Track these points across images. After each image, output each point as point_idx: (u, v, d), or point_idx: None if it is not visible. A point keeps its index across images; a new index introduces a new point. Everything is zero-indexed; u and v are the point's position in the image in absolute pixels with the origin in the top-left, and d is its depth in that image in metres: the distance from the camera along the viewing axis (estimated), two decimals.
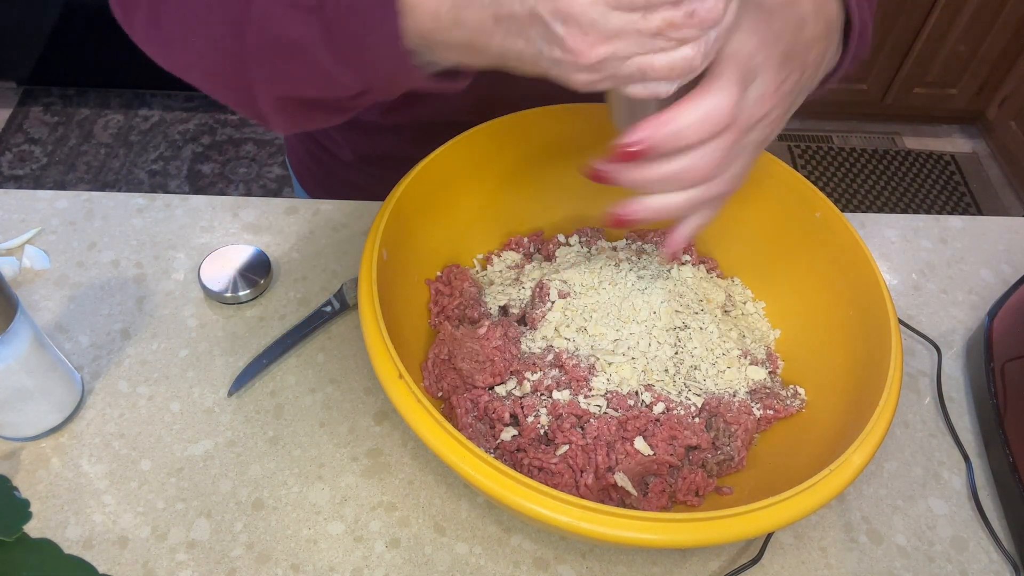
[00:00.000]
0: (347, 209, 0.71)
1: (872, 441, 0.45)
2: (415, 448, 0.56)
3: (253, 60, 0.44)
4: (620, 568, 0.52)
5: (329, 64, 0.42)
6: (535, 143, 0.63)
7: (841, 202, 2.04)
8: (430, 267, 0.61)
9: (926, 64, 2.01)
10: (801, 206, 0.59)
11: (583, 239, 0.65)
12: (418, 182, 0.56)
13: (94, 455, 0.55)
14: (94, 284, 0.64)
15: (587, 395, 0.53)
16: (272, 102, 0.46)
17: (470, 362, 0.54)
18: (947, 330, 0.67)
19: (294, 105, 0.46)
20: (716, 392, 0.55)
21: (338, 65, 0.42)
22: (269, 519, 0.53)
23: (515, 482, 0.41)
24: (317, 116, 0.49)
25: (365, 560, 0.51)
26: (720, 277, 0.65)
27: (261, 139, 2.06)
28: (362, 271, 0.50)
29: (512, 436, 0.52)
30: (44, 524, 0.51)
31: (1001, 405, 0.58)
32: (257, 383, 0.59)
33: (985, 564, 0.54)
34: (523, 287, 0.60)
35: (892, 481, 0.57)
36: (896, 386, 0.47)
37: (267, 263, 0.64)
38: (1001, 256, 0.73)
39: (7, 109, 2.08)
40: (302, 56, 0.42)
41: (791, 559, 0.53)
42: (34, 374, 0.51)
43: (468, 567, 0.51)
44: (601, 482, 0.50)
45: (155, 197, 0.70)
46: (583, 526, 0.40)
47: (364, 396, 0.59)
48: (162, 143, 2.03)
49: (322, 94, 0.45)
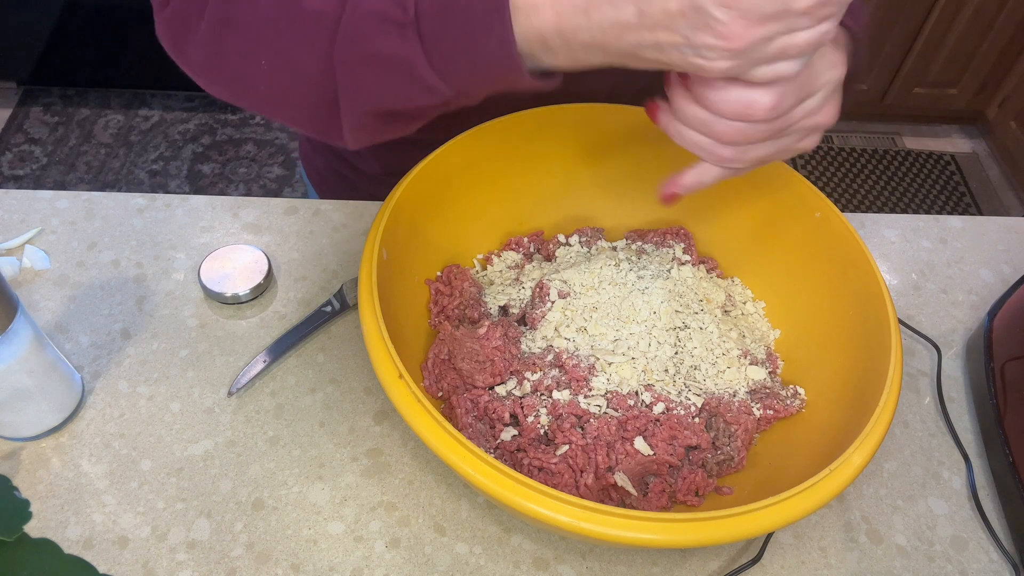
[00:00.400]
0: (347, 209, 0.71)
1: (872, 441, 0.45)
2: (415, 448, 0.56)
3: (343, 78, 0.44)
4: (620, 568, 0.52)
5: (427, 75, 0.42)
6: (535, 143, 0.63)
7: (841, 202, 2.05)
8: (430, 267, 0.61)
9: (926, 64, 2.01)
10: (801, 206, 0.59)
11: (583, 239, 0.65)
12: (418, 182, 0.56)
13: (94, 455, 0.55)
14: (94, 284, 0.64)
15: (587, 395, 0.53)
16: (358, 118, 0.46)
17: (470, 362, 0.54)
18: (947, 330, 0.67)
19: (378, 119, 0.47)
20: (716, 392, 0.55)
21: (436, 75, 0.42)
22: (269, 519, 0.53)
23: (515, 482, 0.41)
24: (395, 128, 0.49)
25: (365, 560, 0.51)
26: (720, 277, 0.65)
27: (261, 139, 2.06)
28: (362, 271, 0.50)
29: (512, 436, 0.52)
30: (44, 524, 0.51)
31: (1001, 405, 0.58)
32: (257, 383, 0.59)
33: (985, 564, 0.54)
34: (523, 287, 0.60)
35: (892, 481, 0.58)
36: (896, 386, 0.47)
37: (267, 263, 0.64)
38: (1001, 256, 0.73)
39: (7, 109, 2.08)
40: (399, 70, 0.42)
41: (791, 559, 0.53)
42: (34, 374, 0.51)
43: (468, 567, 0.51)
44: (601, 482, 0.50)
45: (155, 197, 0.70)
46: (583, 526, 0.40)
47: (364, 396, 0.59)
48: (162, 143, 2.03)
49: (412, 104, 0.45)
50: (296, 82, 0.46)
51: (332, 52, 0.43)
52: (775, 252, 0.62)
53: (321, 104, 0.46)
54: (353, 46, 0.42)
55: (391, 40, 0.41)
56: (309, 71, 0.45)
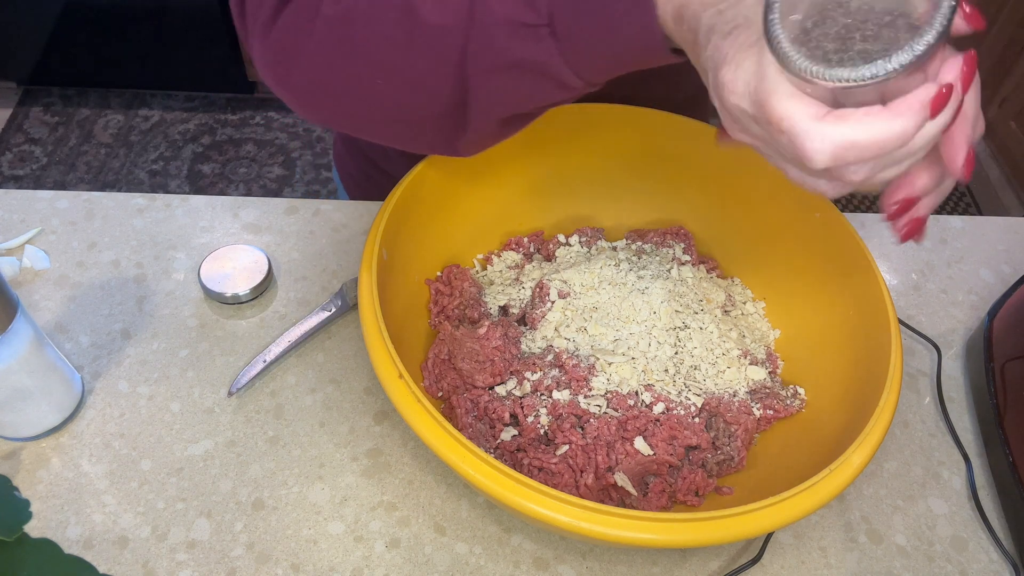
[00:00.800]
0: (347, 209, 0.71)
1: (872, 441, 0.45)
2: (415, 448, 0.56)
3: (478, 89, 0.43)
4: (620, 568, 0.52)
5: (562, 73, 0.41)
6: (536, 143, 0.63)
7: (841, 202, 2.05)
8: (430, 267, 0.61)
9: None
10: (801, 206, 0.59)
11: (583, 239, 0.65)
12: (418, 182, 0.56)
13: (94, 455, 0.55)
14: (94, 284, 0.64)
15: (587, 395, 0.53)
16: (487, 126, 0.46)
17: (470, 362, 0.54)
18: (947, 330, 0.67)
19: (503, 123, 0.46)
20: (716, 392, 0.55)
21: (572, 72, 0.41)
22: (269, 519, 0.53)
23: (515, 482, 0.41)
24: (514, 129, 0.48)
25: (365, 560, 0.51)
26: (720, 277, 0.65)
27: (261, 139, 2.06)
28: (362, 271, 0.50)
29: (512, 436, 0.52)
30: (44, 524, 0.51)
31: (1001, 405, 0.58)
32: (257, 383, 0.59)
33: (985, 564, 0.54)
34: (523, 287, 0.60)
35: (892, 481, 0.58)
36: (896, 386, 0.47)
37: (267, 263, 0.64)
38: (1001, 256, 0.73)
39: (7, 109, 2.08)
40: (535, 72, 0.42)
41: (791, 559, 0.53)
42: (34, 374, 0.51)
43: (468, 567, 0.51)
44: (601, 482, 0.50)
45: (155, 197, 0.70)
46: (583, 526, 0.40)
47: (364, 396, 0.59)
48: (162, 143, 2.03)
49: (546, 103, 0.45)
50: (417, 98, 0.45)
51: (464, 64, 0.42)
52: (775, 252, 0.62)
53: (444, 116, 0.45)
54: (487, 57, 0.42)
55: (526, 45, 0.41)
56: (435, 86, 0.44)
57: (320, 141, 2.07)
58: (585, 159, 0.65)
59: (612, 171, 0.66)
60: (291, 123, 2.10)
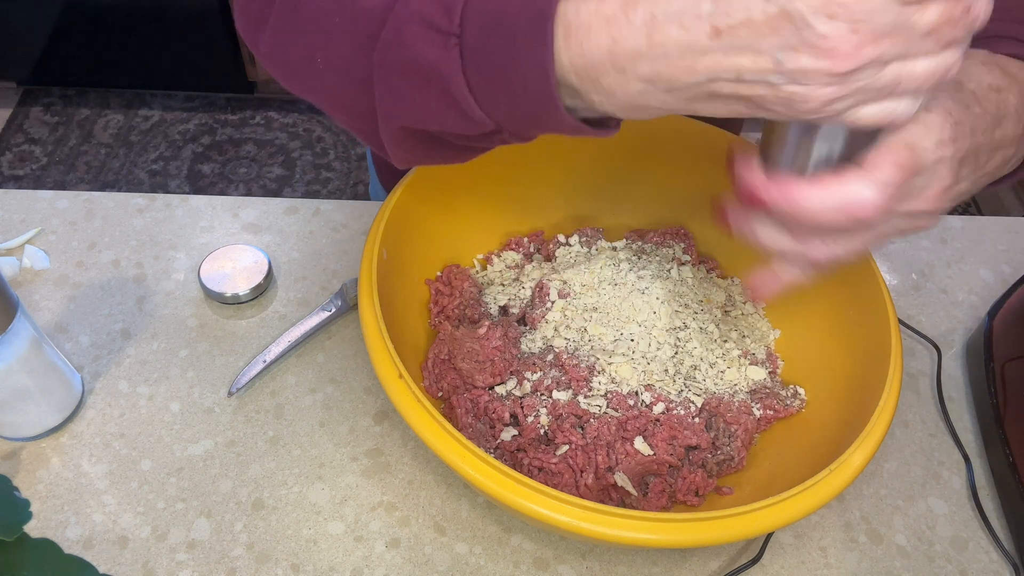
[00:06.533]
0: (347, 209, 0.71)
1: (872, 441, 0.45)
2: (415, 448, 0.56)
3: (379, 83, 0.40)
4: (620, 568, 0.52)
5: (463, 97, 0.37)
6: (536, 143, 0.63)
7: None
8: (430, 267, 0.61)
9: None
10: None
11: (583, 239, 0.65)
12: (418, 182, 0.56)
13: (94, 455, 0.55)
14: (94, 284, 0.64)
15: (587, 395, 0.53)
16: (393, 132, 0.42)
17: (470, 362, 0.54)
18: (947, 330, 0.67)
19: (416, 138, 0.42)
20: (716, 392, 0.55)
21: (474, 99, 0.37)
22: (269, 519, 0.53)
23: (515, 482, 0.41)
24: (438, 154, 0.44)
25: (365, 560, 0.51)
26: (720, 277, 0.65)
27: (261, 139, 2.06)
28: (362, 271, 0.50)
29: (512, 436, 0.52)
30: (44, 524, 0.51)
31: (1001, 405, 0.58)
32: (257, 383, 0.59)
33: (985, 564, 0.54)
34: (523, 287, 0.60)
35: (892, 481, 0.58)
36: (896, 386, 0.47)
37: (267, 263, 0.64)
38: (1001, 256, 0.73)
39: (7, 109, 2.08)
40: (434, 84, 0.38)
41: (791, 559, 0.53)
42: (34, 374, 0.51)
43: (468, 567, 0.51)
44: (601, 482, 0.50)
45: (155, 197, 0.71)
46: (583, 526, 0.40)
47: (364, 396, 0.59)
48: (162, 143, 2.03)
49: (448, 129, 0.40)
50: (345, 84, 0.42)
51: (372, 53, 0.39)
52: None
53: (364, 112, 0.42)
54: (391, 49, 0.38)
55: (431, 49, 0.37)
56: (356, 73, 0.41)
57: (320, 141, 2.07)
58: (585, 159, 0.65)
59: (612, 171, 0.66)
60: (291, 123, 2.10)
